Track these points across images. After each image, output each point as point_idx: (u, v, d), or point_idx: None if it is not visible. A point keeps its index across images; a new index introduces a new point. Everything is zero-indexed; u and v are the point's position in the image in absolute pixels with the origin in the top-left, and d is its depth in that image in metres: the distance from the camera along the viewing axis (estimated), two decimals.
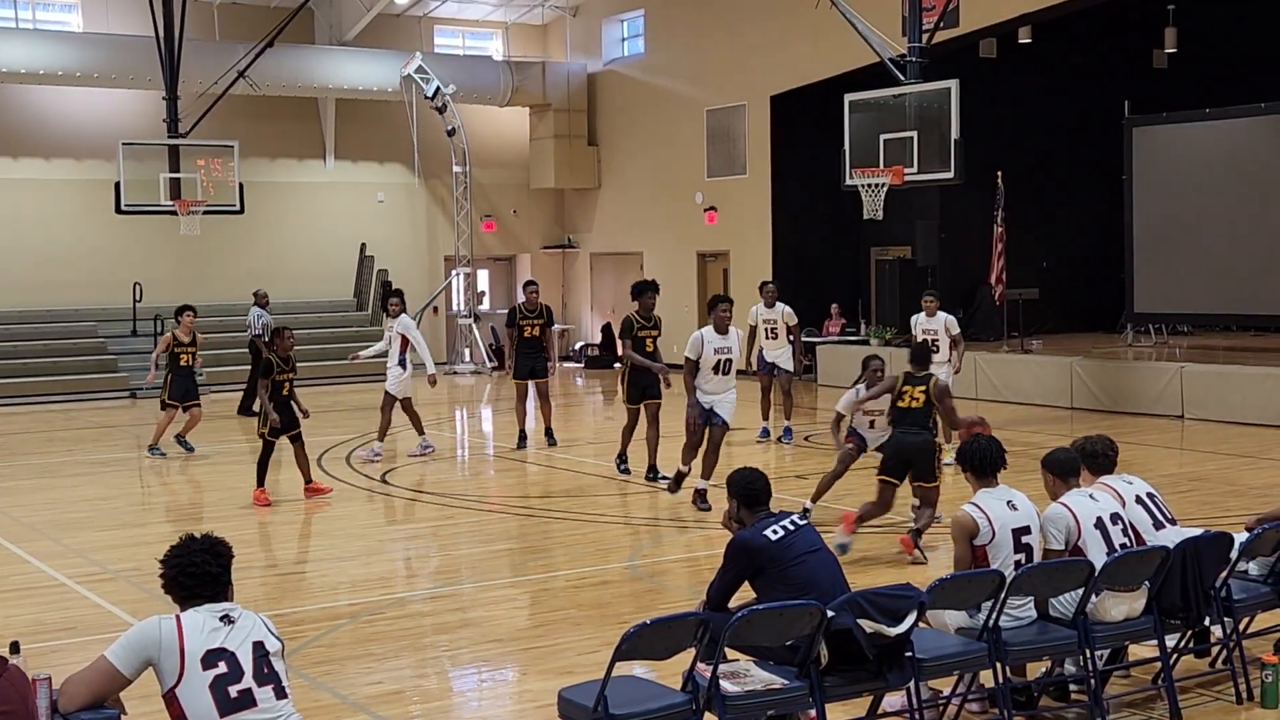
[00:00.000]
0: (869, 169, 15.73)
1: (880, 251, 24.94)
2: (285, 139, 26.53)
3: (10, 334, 23.48)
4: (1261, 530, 6.82)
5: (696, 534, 11.17)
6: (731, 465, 6.96)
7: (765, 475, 6.24)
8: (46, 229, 24.36)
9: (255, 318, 19.71)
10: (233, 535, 5.11)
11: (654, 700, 5.26)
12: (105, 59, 23.46)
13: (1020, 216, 22.39)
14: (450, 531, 11.61)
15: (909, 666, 5.65)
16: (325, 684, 7.13)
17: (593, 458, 15.25)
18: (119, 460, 16.13)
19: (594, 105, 28.52)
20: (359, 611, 8.73)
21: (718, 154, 25.52)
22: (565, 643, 7.87)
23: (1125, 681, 6.90)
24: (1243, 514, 9.15)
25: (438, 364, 25.30)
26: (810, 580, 5.78)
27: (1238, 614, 6.73)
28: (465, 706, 7.08)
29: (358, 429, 18.26)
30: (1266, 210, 19.62)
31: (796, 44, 23.04)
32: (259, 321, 19.50)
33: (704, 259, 26.05)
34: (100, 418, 20.23)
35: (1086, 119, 23.94)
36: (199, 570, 4.54)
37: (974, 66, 21.17)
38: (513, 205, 29.07)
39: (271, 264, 26.13)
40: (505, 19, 28.66)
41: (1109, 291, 23.23)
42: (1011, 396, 19.55)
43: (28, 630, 8.03)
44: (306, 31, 25.88)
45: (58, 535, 11.40)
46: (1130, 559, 6.25)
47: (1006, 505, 6.33)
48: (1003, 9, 20.26)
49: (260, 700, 4.40)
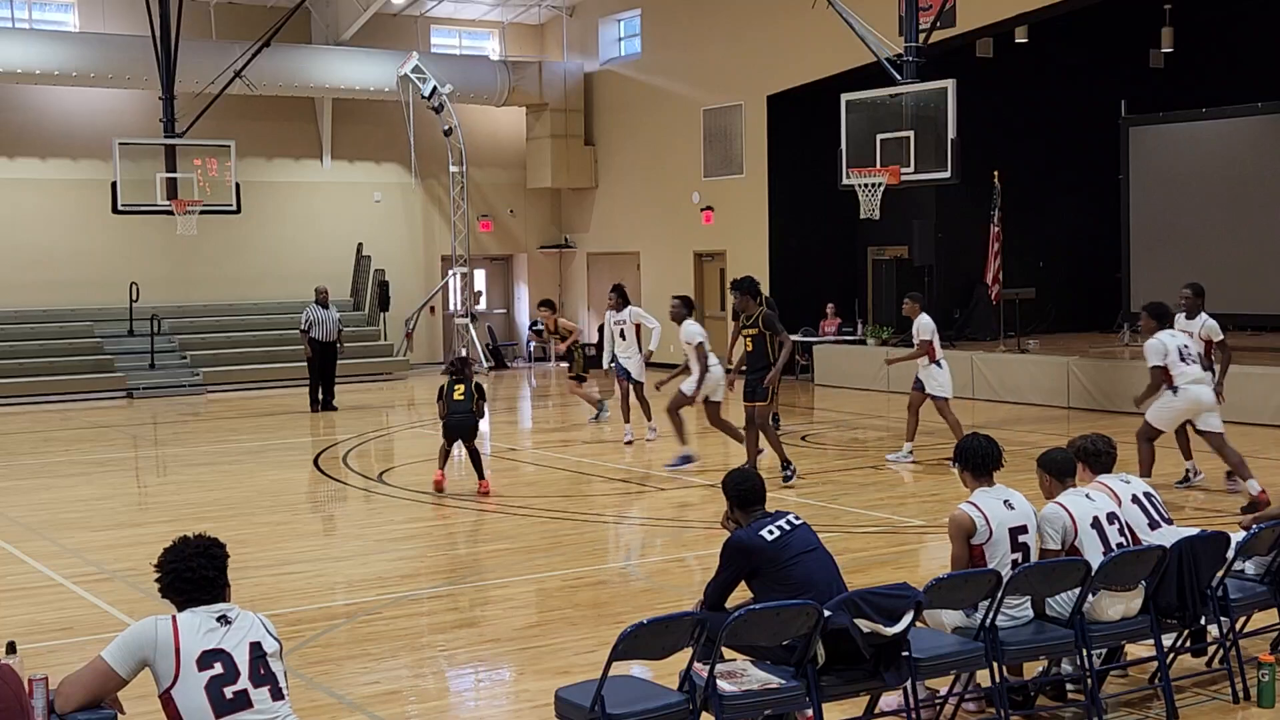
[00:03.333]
0: (866, 169, 15.73)
1: (877, 251, 24.94)
2: (282, 139, 26.52)
3: (6, 334, 23.45)
4: (1258, 529, 6.83)
5: (694, 534, 11.18)
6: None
7: (759, 475, 6.26)
8: (43, 229, 24.33)
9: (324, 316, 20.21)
10: (230, 535, 5.10)
11: (651, 700, 5.26)
12: (101, 58, 23.44)
13: (1017, 216, 22.42)
14: (447, 531, 11.62)
15: (906, 666, 5.65)
16: (322, 684, 7.13)
17: (590, 458, 15.25)
18: (116, 460, 16.11)
19: (591, 105, 28.52)
20: (356, 611, 8.72)
21: (714, 154, 25.53)
22: (562, 642, 7.87)
23: (1122, 681, 6.90)
24: (1240, 513, 9.17)
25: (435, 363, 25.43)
26: (807, 580, 5.79)
27: (1234, 613, 6.74)
28: (462, 706, 7.08)
29: (356, 429, 18.27)
30: (1263, 210, 19.65)
31: (793, 44, 23.05)
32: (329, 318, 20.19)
33: (701, 259, 26.05)
34: (97, 417, 20.22)
35: (1083, 119, 23.95)
36: (194, 575, 4.53)
37: (971, 66, 21.16)
38: (509, 205, 29.06)
39: (268, 264, 26.13)
40: (502, 18, 28.65)
41: (1105, 291, 23.25)
42: (1008, 396, 19.55)
43: (24, 630, 8.02)
44: (303, 31, 25.86)
45: (54, 535, 11.39)
46: (1127, 558, 6.26)
47: (1003, 504, 6.34)
48: (999, 9, 20.27)
49: (256, 701, 4.39)
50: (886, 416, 18.69)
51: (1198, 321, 12.40)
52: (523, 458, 15.79)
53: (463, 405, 12.79)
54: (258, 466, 15.19)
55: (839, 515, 11.48)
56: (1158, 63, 25.16)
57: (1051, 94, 24.33)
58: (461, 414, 12.76)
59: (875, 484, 13.27)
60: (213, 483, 14.11)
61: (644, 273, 27.32)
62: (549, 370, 27.69)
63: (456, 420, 12.77)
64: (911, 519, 11.37)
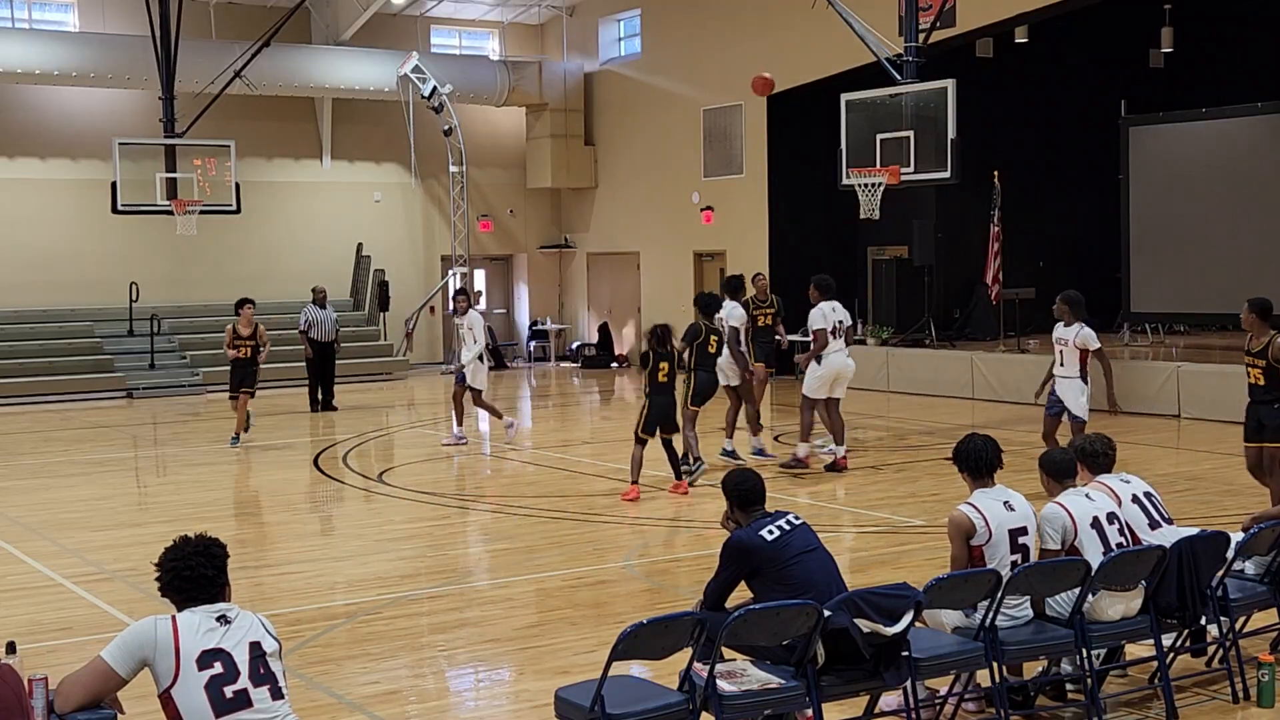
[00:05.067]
0: (865, 169, 15.73)
1: (877, 251, 24.94)
2: (282, 139, 26.52)
3: (6, 334, 23.45)
4: (1258, 529, 6.83)
5: (693, 534, 11.18)
6: None
7: (759, 475, 6.26)
8: (43, 229, 24.33)
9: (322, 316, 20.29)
10: (230, 535, 5.11)
11: (651, 700, 5.26)
12: (101, 58, 23.44)
13: (1017, 216, 22.42)
14: (447, 531, 11.62)
15: (906, 666, 5.65)
16: (322, 684, 7.13)
17: (589, 457, 15.25)
18: (115, 460, 16.11)
19: (590, 105, 28.51)
20: (356, 611, 8.72)
21: (714, 153, 25.52)
22: (562, 642, 7.87)
23: (1122, 681, 6.90)
24: (1239, 513, 9.16)
25: (435, 364, 25.41)
26: (807, 580, 5.79)
27: (1234, 613, 6.74)
28: (462, 706, 7.08)
29: (356, 429, 18.27)
30: (1262, 209, 19.64)
31: (793, 44, 23.04)
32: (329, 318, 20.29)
33: (701, 259, 26.04)
34: (96, 417, 20.22)
35: (1083, 118, 23.96)
36: (193, 574, 4.53)
37: (971, 66, 21.17)
38: (509, 205, 29.06)
39: (268, 264, 26.12)
40: (502, 18, 28.65)
41: (1105, 291, 23.21)
42: (1007, 396, 19.54)
43: (24, 630, 8.02)
44: (303, 31, 25.86)
45: (54, 535, 11.39)
46: (1127, 558, 6.26)
47: (1003, 505, 6.33)
48: (999, 9, 20.27)
49: (256, 700, 4.39)
50: (887, 416, 18.70)
51: (1073, 330, 12.38)
52: (523, 458, 15.79)
53: (668, 386, 11.74)
54: (258, 466, 15.20)
55: (839, 515, 11.48)
56: (1158, 63, 25.17)
57: (1051, 94, 24.34)
58: (667, 395, 11.79)
59: (875, 484, 13.27)
60: (213, 483, 14.11)
61: (644, 273, 27.32)
62: (549, 370, 27.70)
63: (661, 405, 11.74)
64: (911, 519, 11.37)
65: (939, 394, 20.44)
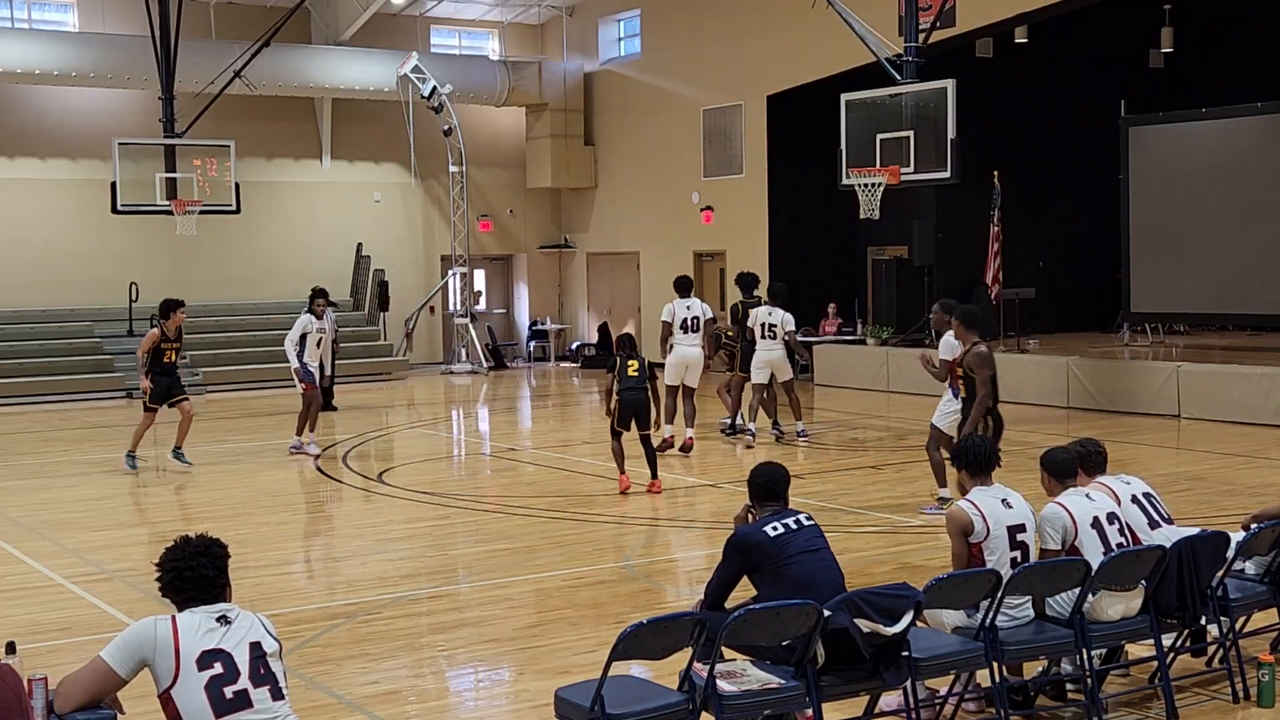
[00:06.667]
0: (865, 169, 15.73)
1: (877, 251, 24.95)
2: (282, 139, 26.51)
3: (6, 334, 23.45)
4: (1258, 529, 6.82)
5: (694, 533, 11.17)
6: None
7: (786, 471, 6.25)
8: (42, 229, 24.33)
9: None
10: (229, 535, 5.10)
11: (651, 700, 5.25)
12: (101, 58, 23.44)
13: (1017, 216, 22.42)
14: (447, 531, 11.61)
15: (906, 666, 5.65)
16: (322, 684, 7.13)
17: (589, 457, 15.25)
18: (115, 460, 16.07)
19: (590, 105, 28.52)
20: (355, 611, 8.72)
21: (714, 154, 25.52)
22: (562, 642, 7.86)
23: (1122, 681, 6.90)
24: (1239, 513, 9.15)
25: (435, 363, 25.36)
26: (807, 579, 5.78)
27: (1234, 613, 6.74)
28: (462, 706, 7.08)
29: (356, 429, 18.27)
30: (1262, 210, 19.64)
31: (793, 44, 23.05)
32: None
33: (701, 259, 26.04)
34: (96, 418, 20.21)
35: (1083, 118, 23.96)
36: (194, 574, 4.53)
37: (970, 66, 21.17)
38: (509, 205, 29.06)
39: (267, 264, 26.13)
40: (501, 18, 28.65)
41: (1105, 291, 23.25)
42: (1007, 396, 19.38)
43: (24, 630, 8.02)
44: (303, 31, 25.86)
45: (54, 535, 11.39)
46: (1127, 558, 6.26)
47: (1001, 503, 6.34)
48: (999, 9, 20.27)
49: (256, 701, 4.39)
50: (887, 416, 18.70)
51: (943, 340, 12.16)
52: (523, 458, 15.79)
53: (638, 381, 12.47)
54: (258, 466, 15.19)
55: (839, 515, 11.49)
56: (1157, 63, 25.17)
57: (1051, 94, 24.33)
58: (637, 389, 12.43)
59: (875, 484, 13.27)
60: (213, 483, 14.10)
61: (643, 273, 27.32)
62: (549, 370, 27.69)
63: (631, 396, 12.41)
64: (911, 519, 11.37)
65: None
